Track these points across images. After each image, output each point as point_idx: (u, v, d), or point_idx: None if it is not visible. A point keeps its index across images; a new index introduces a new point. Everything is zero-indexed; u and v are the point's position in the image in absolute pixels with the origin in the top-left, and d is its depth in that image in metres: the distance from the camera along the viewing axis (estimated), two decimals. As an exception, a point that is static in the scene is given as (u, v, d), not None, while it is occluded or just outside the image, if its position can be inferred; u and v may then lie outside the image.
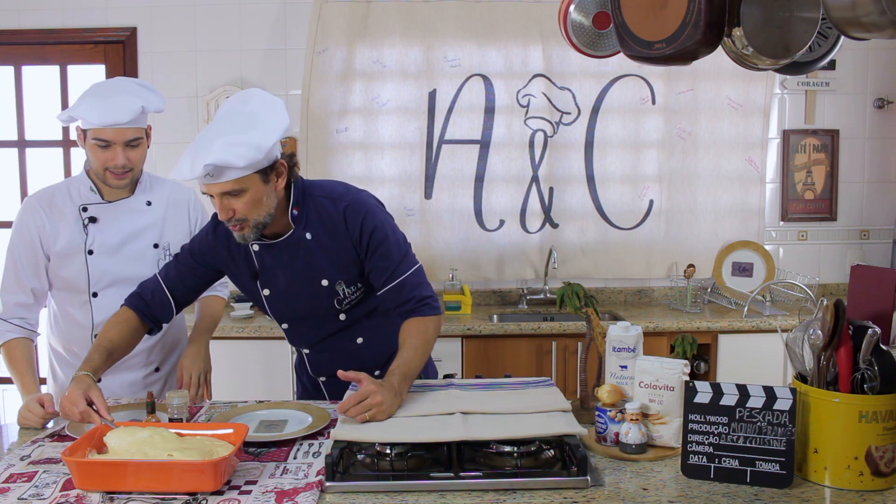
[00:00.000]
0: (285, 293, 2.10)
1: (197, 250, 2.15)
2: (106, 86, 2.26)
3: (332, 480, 1.54)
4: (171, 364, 2.45)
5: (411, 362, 1.92)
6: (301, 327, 2.18)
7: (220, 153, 1.80)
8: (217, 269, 2.17)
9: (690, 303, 3.81)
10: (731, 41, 1.86)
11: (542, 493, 1.51)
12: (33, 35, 3.94)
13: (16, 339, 2.26)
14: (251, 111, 1.93)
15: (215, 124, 1.91)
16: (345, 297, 2.09)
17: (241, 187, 1.87)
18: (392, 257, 2.02)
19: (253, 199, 1.90)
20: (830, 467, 1.54)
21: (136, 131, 2.21)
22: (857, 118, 4.11)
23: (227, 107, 1.98)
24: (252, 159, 1.84)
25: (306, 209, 2.04)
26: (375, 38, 3.87)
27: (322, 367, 2.21)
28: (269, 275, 2.09)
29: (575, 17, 2.37)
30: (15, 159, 4.08)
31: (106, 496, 1.49)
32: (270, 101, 1.97)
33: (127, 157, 2.21)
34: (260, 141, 1.85)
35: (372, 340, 2.16)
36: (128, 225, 2.31)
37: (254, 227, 1.94)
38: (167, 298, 2.14)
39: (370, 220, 2.02)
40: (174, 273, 2.15)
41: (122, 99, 2.17)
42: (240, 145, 1.82)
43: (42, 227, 2.26)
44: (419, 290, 2.03)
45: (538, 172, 4.00)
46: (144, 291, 2.15)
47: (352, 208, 2.02)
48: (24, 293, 2.28)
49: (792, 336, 1.68)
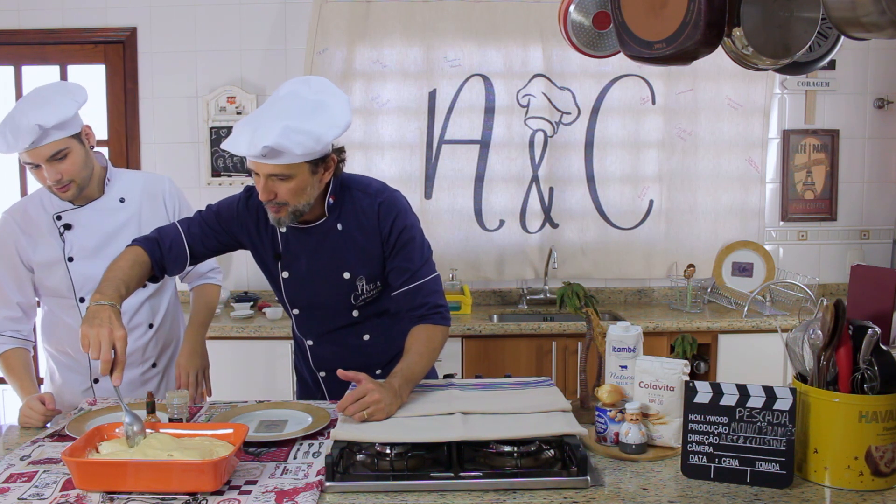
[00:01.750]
0: (305, 279, 2.09)
1: (225, 216, 2.11)
2: (15, 108, 2.12)
3: (332, 480, 1.54)
4: (168, 360, 2.45)
5: (415, 367, 1.93)
6: (312, 316, 2.17)
7: (281, 137, 1.79)
8: (238, 240, 2.13)
9: (690, 303, 3.81)
10: (731, 41, 1.86)
11: (542, 493, 1.51)
12: (33, 35, 3.94)
13: (11, 349, 2.25)
14: (318, 99, 1.90)
15: (278, 103, 1.88)
16: (362, 292, 2.09)
17: (290, 173, 1.87)
18: (414, 260, 2.04)
19: (297, 187, 1.90)
20: (830, 467, 1.54)
21: (53, 146, 2.09)
22: (857, 118, 4.12)
23: (291, 87, 1.94)
24: (310, 149, 1.84)
25: (342, 201, 2.05)
26: (375, 38, 3.87)
27: (324, 360, 2.20)
28: (292, 258, 2.08)
29: (575, 17, 2.37)
30: (15, 159, 4.08)
31: (106, 496, 1.49)
32: (338, 94, 1.95)
33: (58, 172, 2.12)
34: (321, 132, 1.84)
35: (378, 339, 2.17)
36: (104, 226, 2.28)
37: (292, 212, 1.94)
38: (184, 253, 2.08)
39: (402, 219, 2.04)
40: (197, 230, 2.09)
41: (20, 121, 2.06)
42: (301, 133, 1.81)
43: (18, 240, 2.25)
44: (434, 298, 2.05)
45: (538, 172, 4.00)
46: (163, 239, 2.06)
47: (387, 204, 2.05)
48: (11, 308, 2.27)
49: (792, 336, 1.68)
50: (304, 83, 1.95)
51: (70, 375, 2.34)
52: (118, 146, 4.01)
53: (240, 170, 3.99)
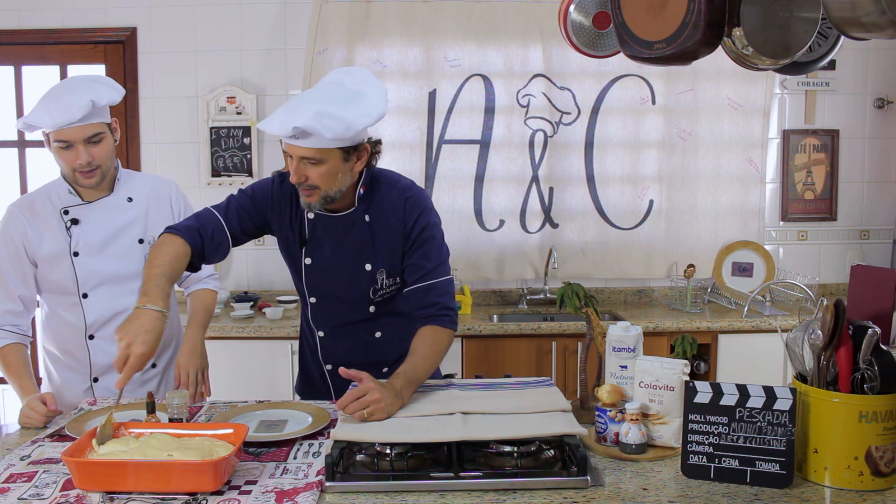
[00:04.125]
0: (328, 268, 2.10)
1: (259, 197, 2.11)
2: (57, 87, 2.24)
3: (332, 480, 1.54)
4: (168, 360, 2.45)
5: (418, 369, 1.93)
6: (328, 307, 2.17)
7: (311, 120, 1.82)
8: (269, 224, 2.13)
9: (690, 303, 3.81)
10: (731, 41, 1.86)
11: (542, 493, 1.51)
12: (33, 35, 3.94)
13: (9, 344, 2.25)
14: (356, 89, 1.94)
15: (318, 90, 1.94)
16: (381, 286, 2.11)
17: (321, 157, 1.90)
18: (432, 258, 2.06)
19: (329, 172, 1.92)
20: (830, 467, 1.54)
21: (94, 127, 2.19)
22: (857, 118, 4.12)
23: (334, 76, 2.00)
24: (340, 135, 1.86)
25: (372, 192, 2.08)
26: (375, 38, 3.87)
27: (333, 353, 2.20)
28: (317, 245, 2.10)
29: (575, 17, 2.37)
30: (15, 159, 4.09)
31: (106, 496, 1.49)
32: (377, 86, 1.98)
33: (90, 154, 2.20)
34: (353, 119, 1.87)
35: (390, 337, 2.17)
36: (110, 223, 2.30)
37: (323, 197, 1.96)
38: (227, 239, 2.08)
39: (426, 216, 2.08)
40: (234, 215, 2.09)
41: (71, 97, 2.15)
42: (333, 118, 1.84)
43: (25, 233, 2.26)
44: (445, 299, 2.06)
45: (538, 172, 4.00)
46: (204, 228, 2.04)
47: (413, 200, 2.08)
48: (13, 301, 2.27)
49: (792, 336, 1.68)
50: (347, 73, 2.00)
51: (70, 375, 2.34)
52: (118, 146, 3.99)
53: (240, 170, 3.99)
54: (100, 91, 2.21)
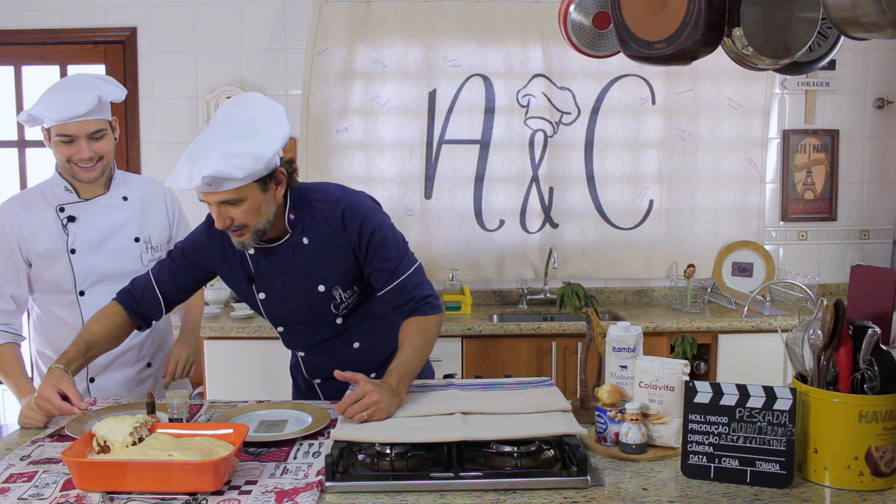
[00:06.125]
0: (282, 298, 2.08)
1: (190, 251, 2.12)
2: (62, 82, 2.27)
3: (332, 480, 1.54)
4: (162, 359, 2.47)
5: (410, 362, 1.91)
6: (297, 331, 2.17)
7: (219, 164, 1.76)
8: (210, 270, 2.15)
9: (690, 303, 3.81)
10: (731, 41, 1.86)
11: (542, 493, 1.51)
12: (33, 35, 3.94)
13: (3, 344, 2.25)
14: (250, 117, 1.88)
15: (213, 131, 1.86)
16: (342, 301, 2.08)
17: (239, 196, 1.85)
18: (392, 258, 2.01)
19: (251, 208, 1.88)
20: (830, 467, 1.54)
21: (97, 123, 2.21)
22: (857, 118, 4.12)
23: (225, 111, 1.92)
24: (251, 170, 1.81)
25: (303, 214, 2.02)
26: (375, 38, 3.87)
27: (318, 370, 2.20)
28: (265, 279, 2.07)
29: (575, 17, 2.37)
30: (15, 159, 4.09)
31: (106, 496, 1.49)
32: (271, 108, 1.92)
33: (92, 150, 2.22)
34: (259, 151, 1.81)
35: (368, 344, 2.16)
36: (107, 221, 2.32)
37: (254, 233, 1.92)
38: (157, 298, 2.13)
39: (369, 222, 2.00)
40: (167, 273, 2.13)
41: (77, 92, 2.18)
42: (238, 156, 1.78)
43: (19, 232, 2.25)
44: (419, 290, 2.02)
45: (538, 172, 4.00)
46: (135, 288, 2.14)
47: (350, 210, 2.00)
48: (5, 300, 2.27)
49: (792, 336, 1.68)
50: (237, 104, 1.93)
51: None
52: (118, 146, 3.96)
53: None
54: (105, 87, 2.24)
